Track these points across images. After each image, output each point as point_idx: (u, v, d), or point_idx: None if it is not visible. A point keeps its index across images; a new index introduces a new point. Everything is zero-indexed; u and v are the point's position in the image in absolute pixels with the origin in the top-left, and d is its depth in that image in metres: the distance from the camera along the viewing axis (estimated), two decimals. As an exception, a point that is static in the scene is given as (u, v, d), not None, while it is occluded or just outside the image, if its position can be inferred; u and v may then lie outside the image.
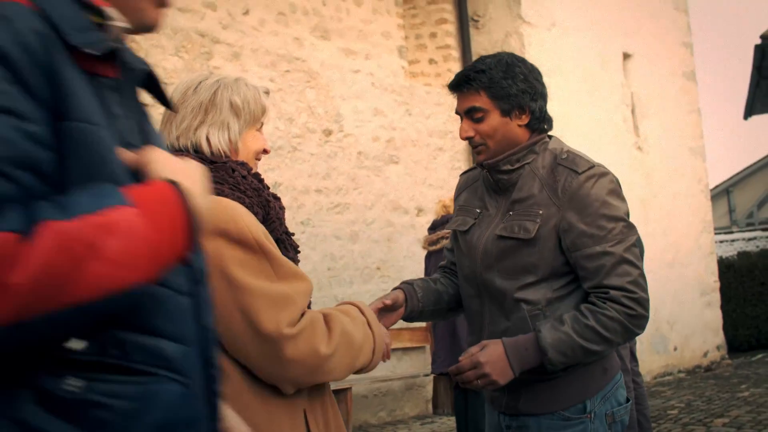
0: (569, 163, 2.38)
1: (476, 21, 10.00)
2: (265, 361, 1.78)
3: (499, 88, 2.40)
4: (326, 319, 1.89)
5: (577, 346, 2.27)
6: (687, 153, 12.49)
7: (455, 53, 9.93)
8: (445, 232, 5.95)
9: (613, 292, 2.28)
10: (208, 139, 1.94)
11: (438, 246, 6.02)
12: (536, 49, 9.80)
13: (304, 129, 7.97)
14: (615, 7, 11.32)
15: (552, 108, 2.59)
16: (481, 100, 2.42)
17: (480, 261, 2.45)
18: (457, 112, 2.53)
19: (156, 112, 5.52)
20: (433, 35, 9.93)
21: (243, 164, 1.96)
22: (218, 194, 1.86)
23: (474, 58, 9.89)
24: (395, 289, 2.55)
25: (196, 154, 1.93)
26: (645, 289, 2.33)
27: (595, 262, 2.30)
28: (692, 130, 12.74)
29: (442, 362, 6.00)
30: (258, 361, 1.79)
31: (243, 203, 1.88)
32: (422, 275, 6.46)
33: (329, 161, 8.20)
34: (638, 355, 6.52)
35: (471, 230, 2.51)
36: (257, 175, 1.98)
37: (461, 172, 2.75)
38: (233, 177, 1.91)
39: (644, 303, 2.31)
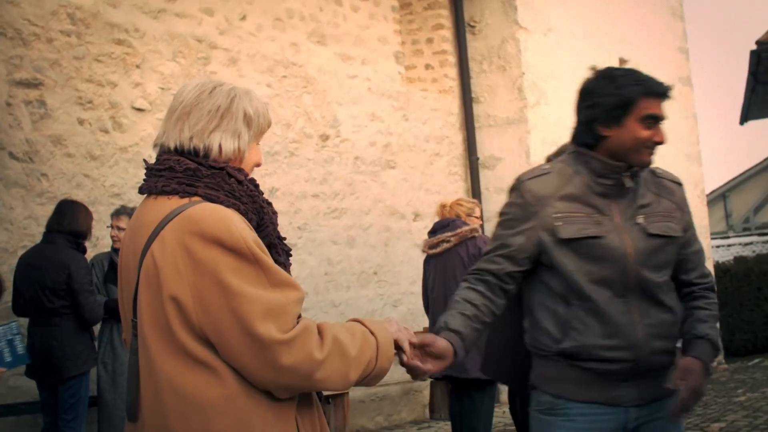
0: (669, 176, 2.80)
1: (473, 26, 10.02)
2: (260, 367, 1.79)
3: None
4: (318, 327, 1.90)
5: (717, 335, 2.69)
6: (683, 158, 12.52)
7: (452, 59, 9.95)
8: (446, 235, 5.94)
9: (708, 280, 2.76)
10: (220, 145, 1.97)
11: (438, 249, 5.99)
12: (532, 55, 9.83)
13: (301, 134, 7.98)
14: (611, 13, 11.36)
15: (548, 114, 2.68)
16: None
17: (633, 260, 2.55)
18: (654, 117, 2.68)
19: (161, 115, 5.45)
20: (429, 41, 9.95)
21: (240, 170, 1.98)
22: (213, 201, 1.89)
23: (471, 63, 9.92)
24: (442, 334, 2.50)
25: (198, 157, 1.96)
26: None
27: (698, 256, 2.77)
28: (688, 136, 12.78)
29: None
30: (252, 368, 1.80)
31: (238, 210, 1.91)
32: (420, 279, 6.46)
33: (326, 166, 8.21)
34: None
35: (607, 234, 2.57)
36: (253, 181, 2.01)
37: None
38: (229, 183, 1.94)
39: None
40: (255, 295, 1.79)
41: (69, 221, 5.40)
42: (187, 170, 1.92)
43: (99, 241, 6.16)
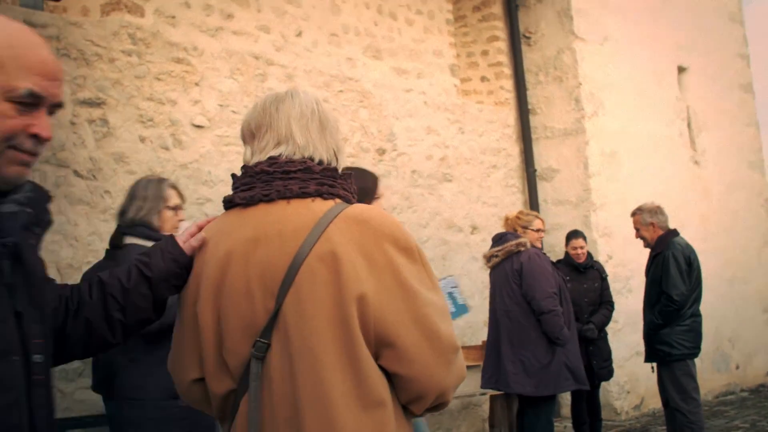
0: None
1: (528, 38, 9.97)
2: (435, 369, 1.76)
3: None
4: None
5: None
6: (745, 167, 12.26)
7: (507, 70, 9.91)
8: (495, 250, 5.90)
9: None
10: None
11: (491, 264, 5.96)
12: (589, 65, 9.74)
13: (357, 148, 8.02)
14: (668, 20, 11.20)
15: (606, 124, 2.60)
16: None
17: None
18: None
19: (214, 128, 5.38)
20: (484, 53, 9.93)
21: None
22: (349, 201, 1.89)
23: (526, 74, 9.87)
24: None
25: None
26: None
27: None
28: (751, 144, 12.50)
29: (489, 378, 5.97)
30: (427, 371, 1.76)
31: None
32: (478, 292, 6.44)
33: (383, 180, 8.20)
34: (699, 373, 6.43)
35: None
36: None
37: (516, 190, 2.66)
38: (353, 187, 1.96)
39: None
40: (428, 297, 1.79)
41: None
42: (325, 171, 1.89)
43: (160, 257, 6.25)
